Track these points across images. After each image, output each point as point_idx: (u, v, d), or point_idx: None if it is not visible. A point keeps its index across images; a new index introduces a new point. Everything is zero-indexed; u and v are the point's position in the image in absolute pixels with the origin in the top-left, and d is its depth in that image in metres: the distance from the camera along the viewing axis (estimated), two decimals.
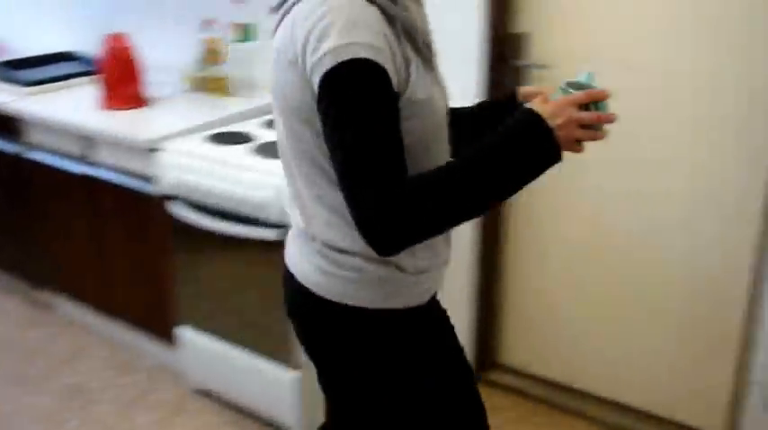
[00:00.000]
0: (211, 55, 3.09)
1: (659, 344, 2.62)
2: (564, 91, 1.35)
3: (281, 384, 2.57)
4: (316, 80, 1.27)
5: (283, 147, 1.47)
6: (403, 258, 1.43)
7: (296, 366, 2.53)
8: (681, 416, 2.65)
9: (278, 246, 2.40)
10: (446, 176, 1.28)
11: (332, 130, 1.27)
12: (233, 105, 3.01)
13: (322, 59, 1.24)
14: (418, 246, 1.42)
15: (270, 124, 2.83)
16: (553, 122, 1.28)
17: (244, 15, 3.02)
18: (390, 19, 1.31)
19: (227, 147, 2.60)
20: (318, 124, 1.32)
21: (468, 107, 1.65)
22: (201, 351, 2.81)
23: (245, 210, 2.43)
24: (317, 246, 1.46)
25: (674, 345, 2.59)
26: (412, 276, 1.46)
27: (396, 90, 1.28)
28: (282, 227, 2.37)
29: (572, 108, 1.30)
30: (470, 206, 1.29)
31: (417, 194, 1.24)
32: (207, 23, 3.09)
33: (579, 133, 1.31)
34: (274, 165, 2.39)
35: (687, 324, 2.54)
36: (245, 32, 3.02)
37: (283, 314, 2.47)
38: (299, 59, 1.29)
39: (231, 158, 2.49)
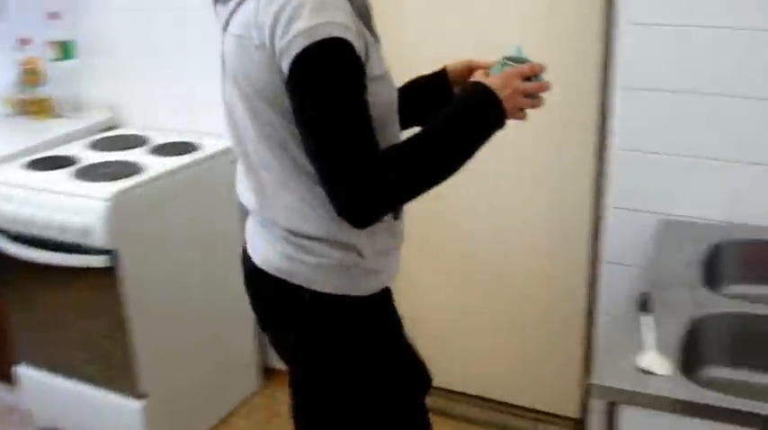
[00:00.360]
0: (30, 76, 2.93)
1: (510, 338, 2.67)
2: (503, 64, 1.46)
3: (127, 414, 2.47)
4: (286, 61, 1.27)
5: (245, 134, 1.45)
6: (362, 240, 1.46)
7: (140, 395, 2.44)
8: (538, 404, 2.71)
9: (106, 272, 2.32)
10: (413, 147, 1.36)
11: (304, 110, 1.29)
12: (58, 127, 2.87)
13: (293, 41, 1.25)
14: (378, 229, 1.45)
15: (96, 145, 2.71)
16: (502, 94, 1.39)
17: (60, 33, 2.87)
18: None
19: (46, 172, 2.46)
20: (286, 105, 1.33)
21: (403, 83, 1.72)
22: (43, 388, 2.66)
23: (69, 238, 2.31)
24: (279, 232, 1.47)
25: (524, 338, 2.64)
26: (372, 260, 1.49)
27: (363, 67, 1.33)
28: (109, 252, 2.27)
29: (518, 80, 1.42)
30: (436, 173, 1.37)
31: (391, 165, 1.31)
32: (22, 43, 2.93)
33: (524, 102, 1.43)
34: (97, 188, 2.30)
35: (535, 316, 2.60)
36: (64, 50, 2.88)
37: (123, 342, 2.42)
38: (267, 42, 1.29)
39: (50, 184, 2.37)
